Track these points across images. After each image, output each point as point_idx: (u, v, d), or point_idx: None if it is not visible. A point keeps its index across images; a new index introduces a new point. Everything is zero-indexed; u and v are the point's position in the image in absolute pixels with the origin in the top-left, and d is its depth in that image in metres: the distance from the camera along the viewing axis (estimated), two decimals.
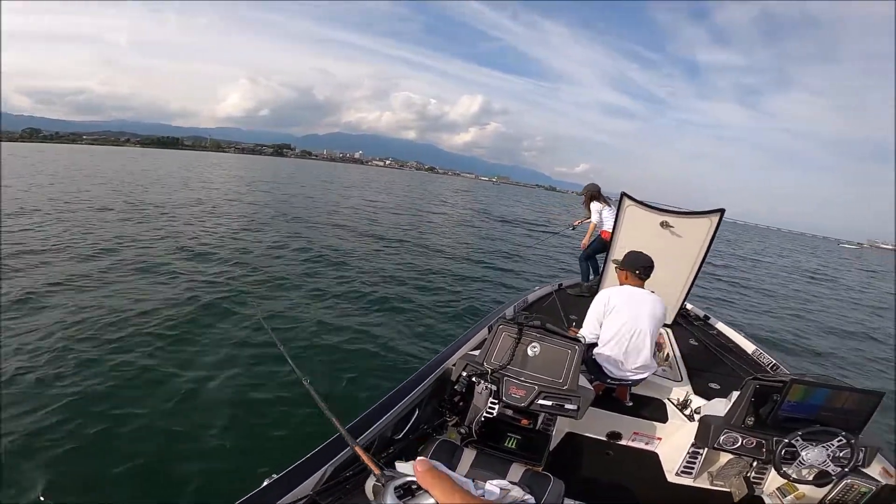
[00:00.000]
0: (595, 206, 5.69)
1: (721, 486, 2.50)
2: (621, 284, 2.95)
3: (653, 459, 2.73)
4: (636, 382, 2.87)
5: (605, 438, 2.84)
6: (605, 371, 2.80)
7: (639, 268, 2.86)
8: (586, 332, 2.89)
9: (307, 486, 1.53)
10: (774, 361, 3.63)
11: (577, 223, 6.48)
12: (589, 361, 2.86)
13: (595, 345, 2.90)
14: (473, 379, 2.32)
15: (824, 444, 1.95)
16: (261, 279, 7.69)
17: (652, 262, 2.87)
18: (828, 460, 1.95)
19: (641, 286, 2.88)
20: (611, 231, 4.77)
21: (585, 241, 5.82)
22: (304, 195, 25.76)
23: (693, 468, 2.55)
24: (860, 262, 44.49)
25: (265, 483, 1.47)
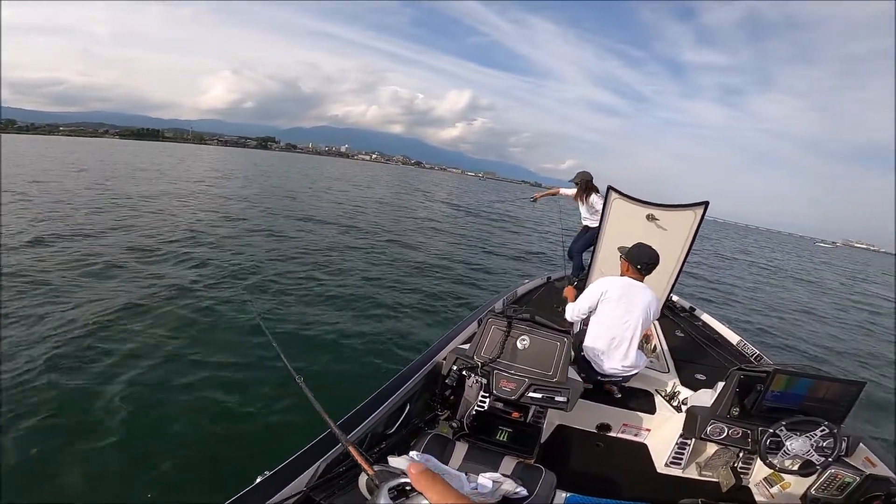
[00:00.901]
0: (598, 200, 5.21)
1: (709, 476, 2.53)
2: (622, 275, 2.91)
3: (642, 450, 2.76)
4: (626, 380, 2.87)
5: (594, 430, 2.85)
6: (595, 367, 2.80)
7: (641, 263, 2.80)
8: (573, 312, 2.88)
9: (300, 483, 1.52)
10: (758, 352, 3.71)
11: (538, 196, 6.20)
12: (579, 359, 2.86)
13: (582, 339, 2.90)
14: (464, 373, 2.32)
15: (808, 434, 1.98)
16: (253, 276, 7.38)
17: (657, 258, 2.81)
18: (811, 450, 1.98)
19: (641, 280, 2.84)
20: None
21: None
22: (293, 188, 25.28)
23: (682, 459, 2.58)
24: (841, 262, 45.45)
25: (258, 480, 1.45)
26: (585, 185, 5.36)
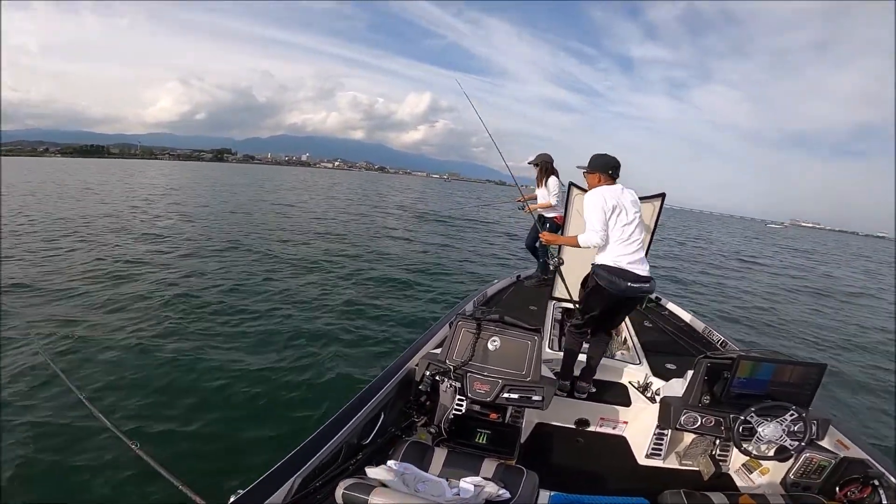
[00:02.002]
0: (556, 183, 4.93)
1: (690, 465, 2.56)
2: (592, 187, 2.79)
3: (622, 444, 2.77)
4: (648, 293, 2.70)
5: (573, 426, 2.85)
6: (631, 270, 2.58)
7: (611, 168, 2.71)
8: (596, 235, 2.62)
9: (276, 500, 1.47)
10: (723, 338, 3.77)
11: (520, 200, 5.33)
12: (600, 274, 2.64)
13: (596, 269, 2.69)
14: (437, 377, 2.28)
15: (778, 420, 2.00)
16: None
17: (619, 161, 2.75)
18: (784, 435, 2.00)
19: (614, 184, 2.74)
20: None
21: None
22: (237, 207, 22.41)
23: (661, 449, 2.60)
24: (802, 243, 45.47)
25: (231, 500, 1.40)
26: (546, 167, 4.99)
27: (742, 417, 2.02)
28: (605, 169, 2.73)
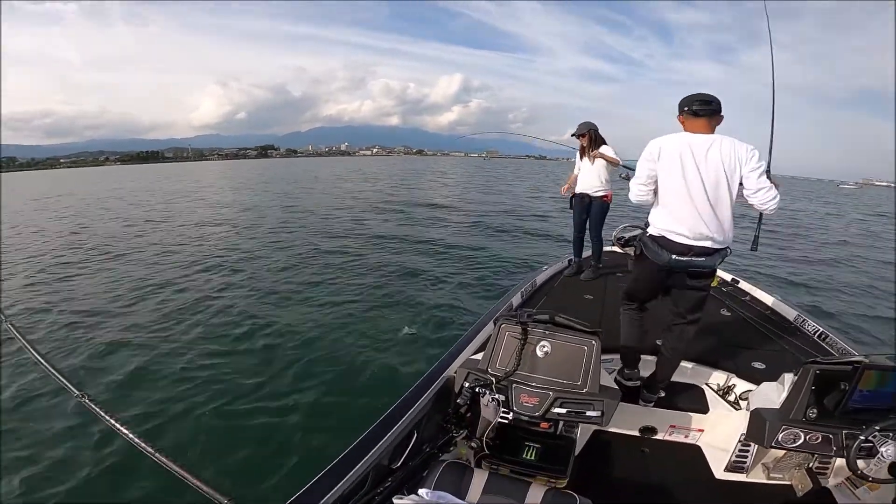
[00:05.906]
0: (610, 150, 4.06)
1: (779, 478, 2.17)
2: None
3: (696, 454, 2.40)
4: (703, 269, 2.17)
5: (637, 434, 2.49)
6: (663, 248, 2.15)
7: (690, 102, 2.13)
8: (634, 191, 2.28)
9: None
10: (821, 329, 3.10)
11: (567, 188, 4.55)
12: (645, 242, 2.26)
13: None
14: (477, 390, 1.98)
15: None
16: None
17: (711, 97, 2.13)
18: None
19: (705, 129, 2.12)
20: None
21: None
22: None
23: (745, 462, 2.22)
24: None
25: None
26: (594, 136, 4.15)
27: (862, 437, 1.62)
28: (682, 105, 2.17)
